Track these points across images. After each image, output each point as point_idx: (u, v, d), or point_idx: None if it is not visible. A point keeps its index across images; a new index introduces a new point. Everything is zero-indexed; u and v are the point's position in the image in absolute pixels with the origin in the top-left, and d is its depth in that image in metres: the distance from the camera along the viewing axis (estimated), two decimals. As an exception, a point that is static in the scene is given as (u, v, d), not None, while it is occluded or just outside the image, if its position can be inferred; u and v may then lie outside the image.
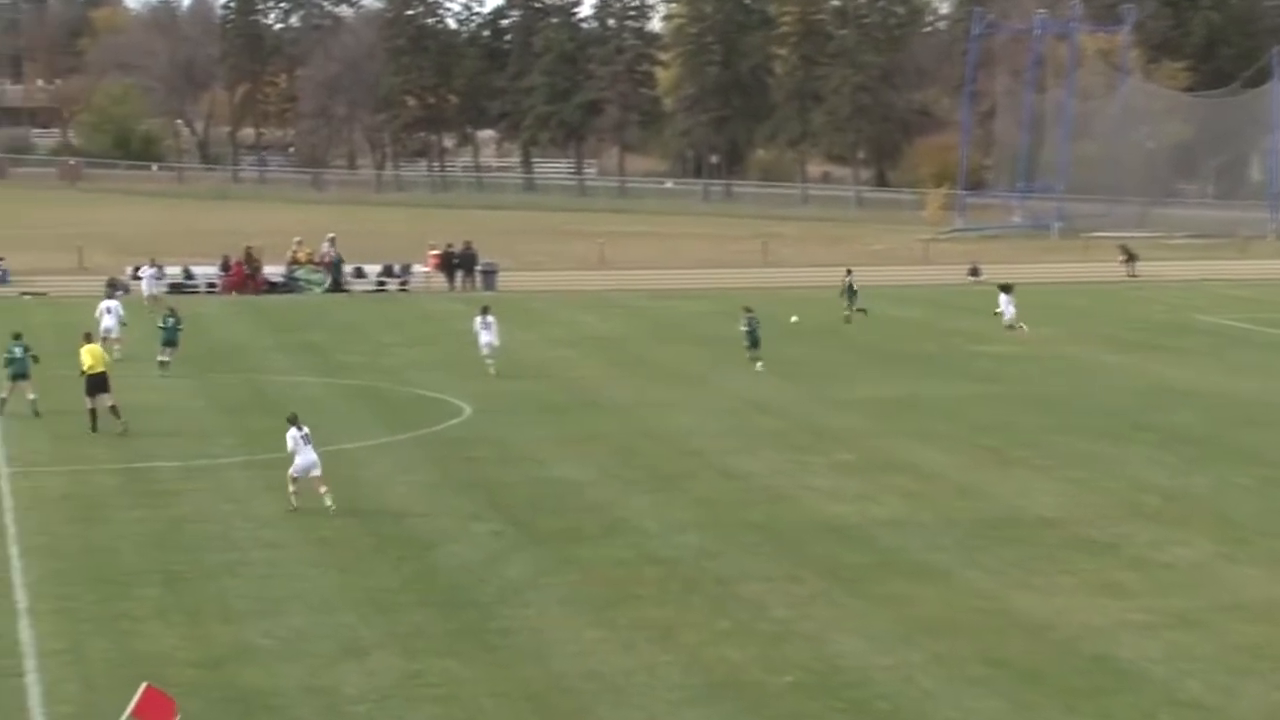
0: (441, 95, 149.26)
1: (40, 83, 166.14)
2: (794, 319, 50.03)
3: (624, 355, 52.55)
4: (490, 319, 47.77)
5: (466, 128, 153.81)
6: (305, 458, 30.70)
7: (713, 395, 44.38)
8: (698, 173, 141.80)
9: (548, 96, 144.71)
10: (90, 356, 38.68)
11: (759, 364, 48.15)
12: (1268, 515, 30.35)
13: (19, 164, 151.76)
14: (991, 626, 23.90)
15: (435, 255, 75.84)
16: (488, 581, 26.11)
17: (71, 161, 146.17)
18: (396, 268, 75.43)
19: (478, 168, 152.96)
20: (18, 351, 39.84)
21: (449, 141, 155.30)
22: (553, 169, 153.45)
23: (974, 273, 78.19)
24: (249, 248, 73.34)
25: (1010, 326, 56.71)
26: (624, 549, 28.16)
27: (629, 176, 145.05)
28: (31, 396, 39.86)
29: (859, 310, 59.27)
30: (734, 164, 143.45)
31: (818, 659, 22.56)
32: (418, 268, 75.56)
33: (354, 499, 31.74)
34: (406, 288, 74.23)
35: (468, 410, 41.64)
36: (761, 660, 22.47)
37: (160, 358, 46.79)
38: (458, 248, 75.83)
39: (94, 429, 37.94)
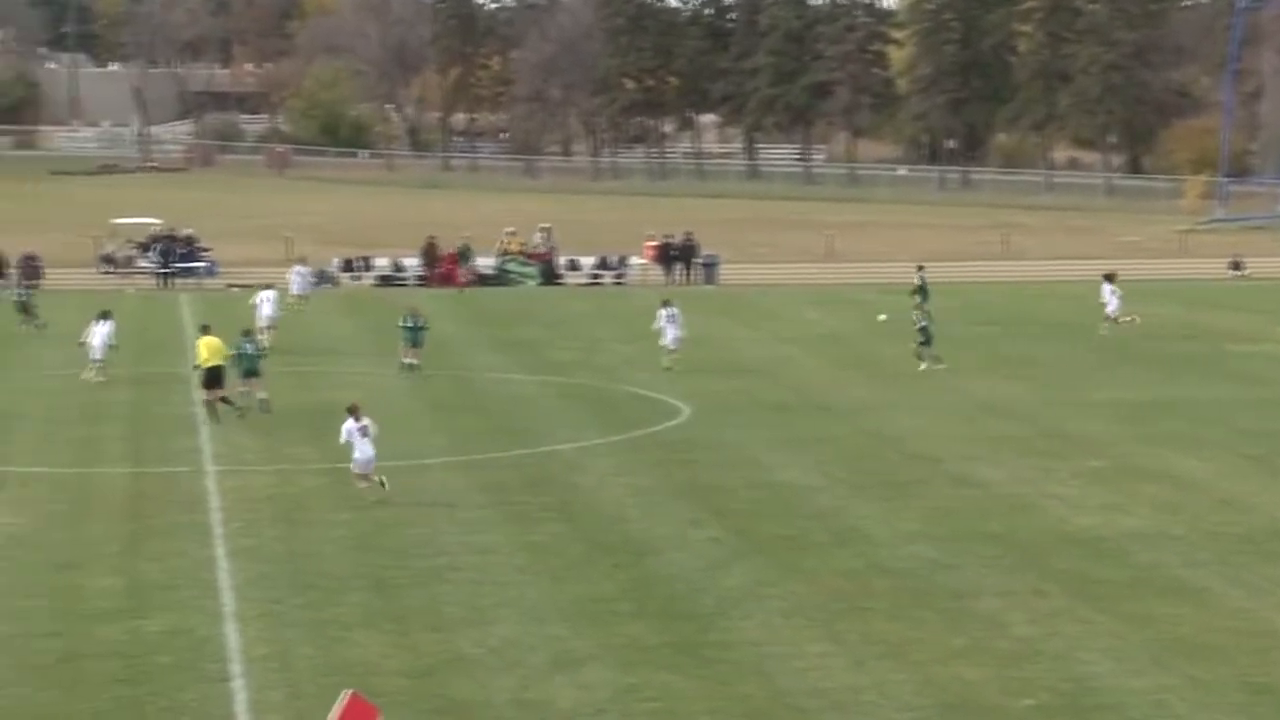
0: (661, 77, 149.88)
1: (249, 67, 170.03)
2: (882, 317, 50.21)
3: (851, 353, 52.33)
4: (674, 311, 48.17)
5: (687, 112, 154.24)
6: (364, 452, 31.55)
7: (947, 397, 44.00)
8: (933, 159, 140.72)
9: (773, 78, 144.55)
10: (207, 349, 39.93)
11: (940, 363, 47.78)
12: None
13: (227, 151, 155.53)
14: (1253, 649, 23.37)
15: (653, 246, 76.18)
16: (707, 591, 26.16)
17: (279, 149, 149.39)
18: (612, 259, 75.96)
19: (698, 154, 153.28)
20: (249, 348, 41.19)
21: (668, 126, 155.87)
22: (778, 155, 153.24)
23: (1236, 266, 76.61)
24: (431, 239, 74.29)
25: (1114, 319, 55.27)
26: (852, 559, 28.04)
27: (859, 163, 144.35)
28: (263, 395, 40.90)
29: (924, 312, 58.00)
30: (972, 149, 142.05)
31: (1063, 680, 22.24)
32: (634, 259, 75.98)
33: (567, 503, 32.02)
34: (622, 281, 74.69)
35: (686, 411, 41.78)
36: (1000, 680, 22.21)
37: (405, 360, 47.08)
38: (677, 238, 76.09)
39: (217, 420, 39.31)
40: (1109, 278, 56.95)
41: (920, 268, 61.05)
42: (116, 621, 24.50)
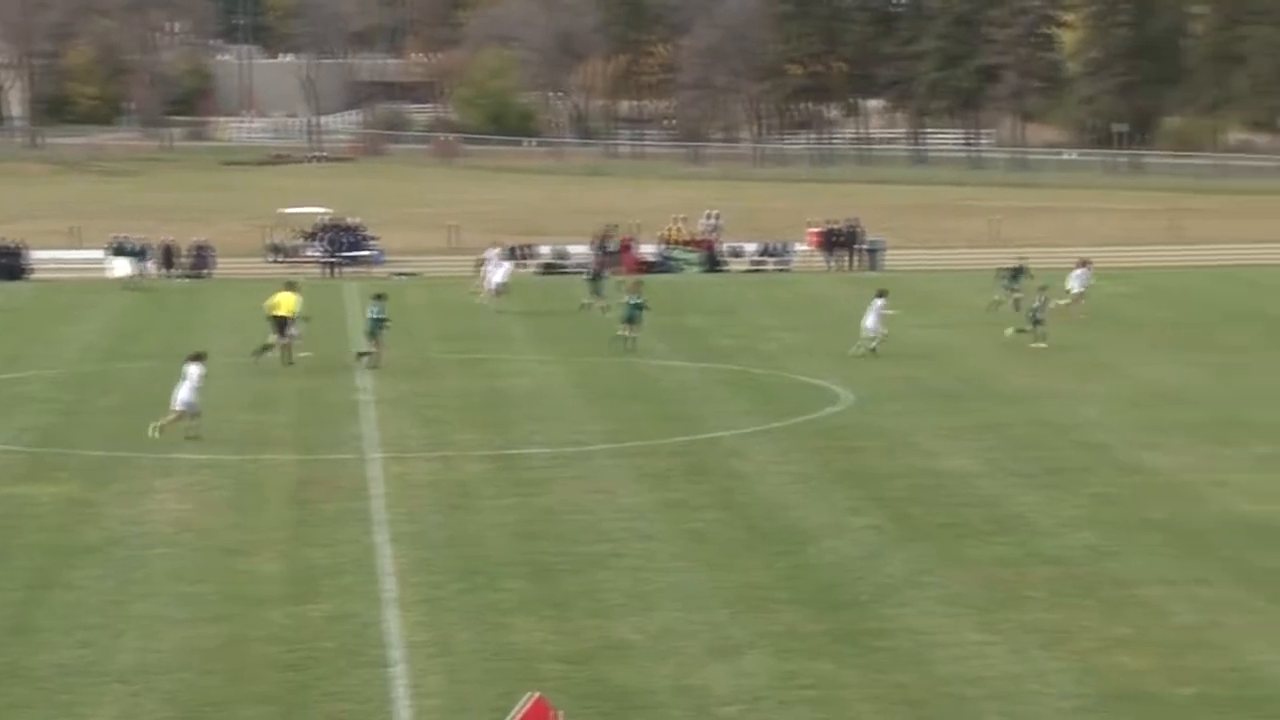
0: (827, 63, 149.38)
1: (418, 57, 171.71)
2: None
3: (1020, 340, 51.78)
4: (880, 303, 47.77)
5: (852, 97, 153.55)
6: (186, 395, 35.96)
7: (1118, 383, 43.46)
8: (1102, 143, 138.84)
9: (940, 62, 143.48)
10: (282, 302, 46.28)
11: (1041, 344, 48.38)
12: None
13: (395, 140, 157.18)
14: None
15: (815, 233, 75.94)
16: (866, 579, 26.08)
17: (446, 138, 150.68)
18: (775, 246, 75.81)
19: (863, 139, 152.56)
20: (372, 312, 46.10)
21: (834, 112, 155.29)
22: (944, 140, 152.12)
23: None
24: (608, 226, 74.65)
25: (1073, 299, 54.85)
26: (1013, 547, 27.82)
27: (1027, 148, 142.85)
28: (372, 350, 45.86)
29: (997, 301, 56.51)
30: (1142, 133, 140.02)
31: (1229, 670, 21.92)
32: (797, 246, 75.77)
33: (727, 490, 32.05)
34: (786, 268, 74.51)
35: (848, 397, 41.63)
36: (1163, 670, 21.94)
37: (621, 332, 48.60)
38: (841, 224, 75.81)
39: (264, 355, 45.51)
40: (1084, 263, 56.50)
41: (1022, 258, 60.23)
42: (282, 607, 24.89)
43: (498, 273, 59.73)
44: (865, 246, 74.86)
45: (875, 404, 40.72)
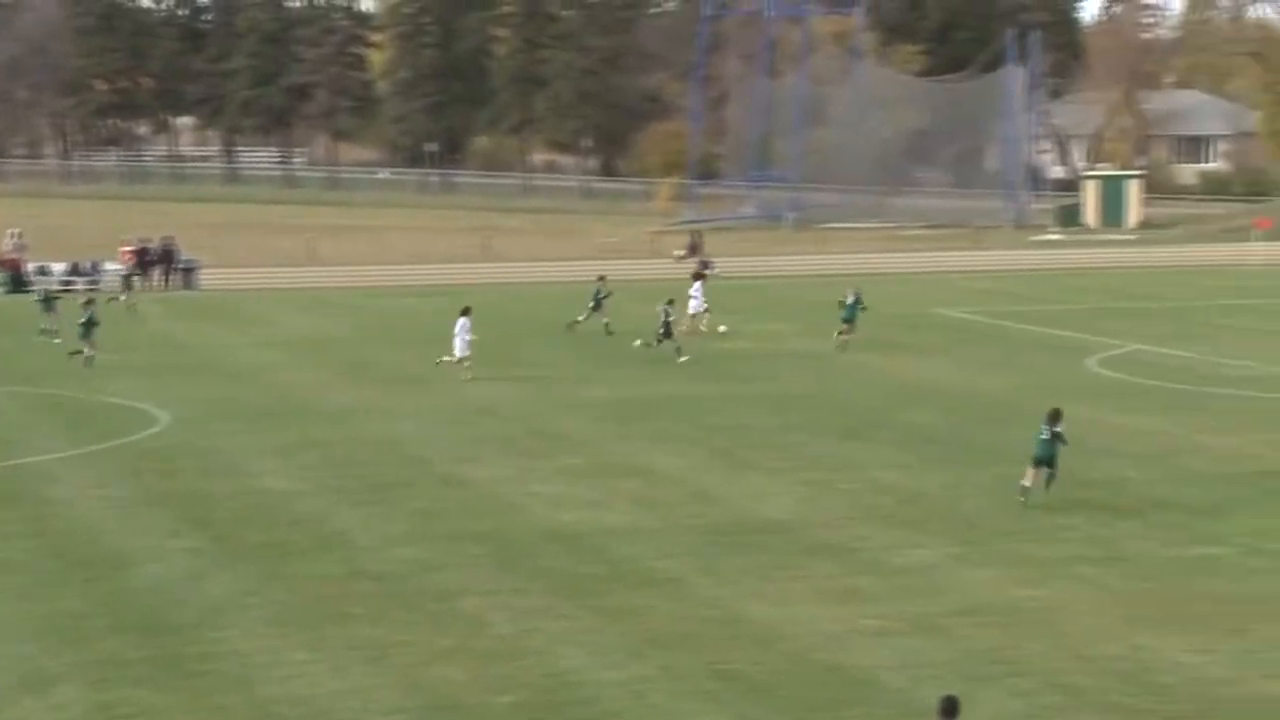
0: (134, 78, 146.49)
1: None
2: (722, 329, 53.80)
3: (339, 357, 52.09)
4: (465, 321, 47.14)
5: (162, 114, 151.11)
6: None
7: (436, 399, 44.22)
8: (415, 162, 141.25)
9: (251, 80, 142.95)
10: None
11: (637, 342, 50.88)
12: (1005, 515, 31.23)
13: None
14: (722, 637, 24.19)
15: (129, 251, 74.35)
16: (187, 603, 25.68)
17: None
18: (86, 265, 73.78)
19: (175, 157, 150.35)
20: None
21: (143, 128, 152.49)
22: (258, 158, 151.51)
23: (705, 265, 79.11)
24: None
25: (695, 315, 57.06)
26: (335, 564, 27.92)
27: (341, 167, 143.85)
28: None
29: (577, 322, 58.29)
30: (453, 152, 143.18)
31: (543, 676, 22.63)
32: (110, 265, 74.00)
33: (38, 518, 31.00)
34: (97, 287, 72.59)
35: (166, 419, 40.93)
36: (484, 679, 22.46)
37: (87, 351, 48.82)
38: (155, 243, 74.49)
39: None
40: (698, 276, 58.62)
41: (601, 277, 59.68)
42: None
43: None
44: (180, 265, 73.86)
45: (195, 425, 40.18)
